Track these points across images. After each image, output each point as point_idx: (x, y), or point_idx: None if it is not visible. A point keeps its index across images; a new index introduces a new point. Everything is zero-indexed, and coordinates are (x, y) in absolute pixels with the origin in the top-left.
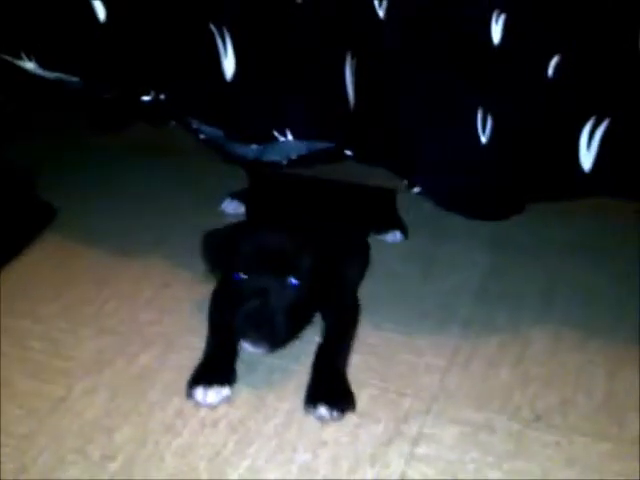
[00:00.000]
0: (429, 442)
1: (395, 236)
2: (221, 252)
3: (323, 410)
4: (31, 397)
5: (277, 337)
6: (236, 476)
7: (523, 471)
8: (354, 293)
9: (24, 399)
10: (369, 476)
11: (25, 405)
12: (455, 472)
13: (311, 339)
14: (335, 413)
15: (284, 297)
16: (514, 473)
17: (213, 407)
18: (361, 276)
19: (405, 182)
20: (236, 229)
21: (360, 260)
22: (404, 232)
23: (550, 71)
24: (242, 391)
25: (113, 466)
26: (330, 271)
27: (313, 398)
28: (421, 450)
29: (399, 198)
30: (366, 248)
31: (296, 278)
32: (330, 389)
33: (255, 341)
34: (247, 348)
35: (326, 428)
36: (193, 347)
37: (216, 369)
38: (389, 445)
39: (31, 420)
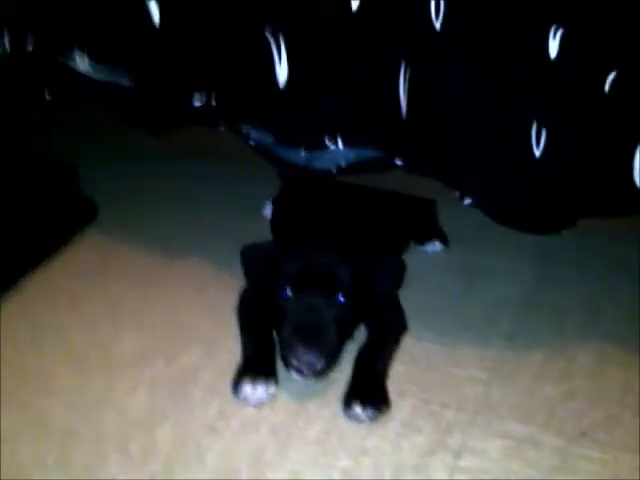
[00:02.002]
0: (472, 455)
1: (435, 246)
2: (264, 270)
3: (358, 409)
4: (73, 392)
5: (328, 354)
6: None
7: None
8: (397, 304)
9: (65, 394)
10: None
11: (66, 400)
12: None
13: (352, 348)
14: (370, 412)
15: (332, 314)
16: None
17: (257, 407)
18: (398, 285)
19: (457, 194)
20: (277, 246)
21: (394, 271)
22: (444, 242)
23: (607, 87)
24: (283, 396)
25: (153, 464)
26: (367, 285)
27: (349, 398)
28: (464, 462)
29: (441, 209)
30: (398, 256)
31: (343, 295)
32: (366, 390)
33: (306, 358)
34: (294, 375)
35: (368, 436)
36: (233, 349)
37: (260, 367)
38: (432, 456)
39: (72, 415)
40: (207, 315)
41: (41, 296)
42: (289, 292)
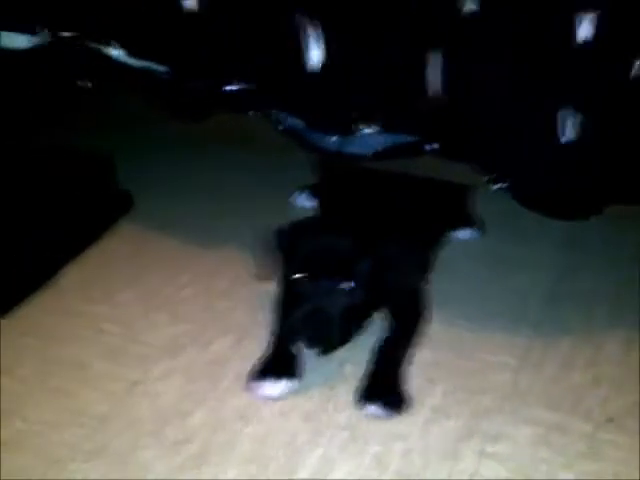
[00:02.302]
0: (502, 441)
1: (468, 233)
2: (283, 250)
3: (372, 408)
4: (107, 380)
5: (330, 341)
6: (308, 465)
7: (595, 473)
8: (420, 296)
9: (100, 382)
10: (442, 471)
11: (101, 388)
12: (527, 472)
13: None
14: (383, 412)
15: (339, 301)
16: (586, 474)
17: (278, 399)
18: (419, 279)
19: (486, 179)
20: (298, 228)
21: (416, 265)
22: (478, 229)
23: (634, 71)
24: (314, 382)
25: (187, 451)
26: (388, 274)
27: (363, 396)
28: (493, 448)
29: (472, 195)
30: (423, 249)
31: (353, 284)
32: (381, 388)
33: (309, 343)
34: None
35: (398, 422)
36: (266, 337)
37: (280, 363)
38: (462, 442)
39: (107, 403)
40: (241, 304)
41: (77, 286)
42: (299, 275)
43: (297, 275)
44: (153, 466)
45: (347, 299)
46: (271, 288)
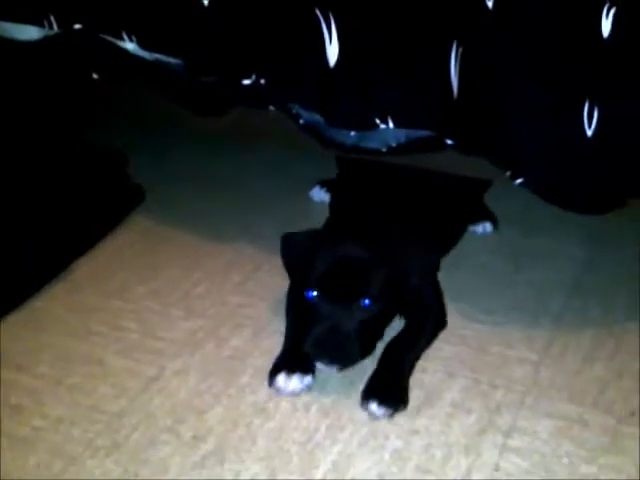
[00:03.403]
0: (522, 434)
1: (485, 227)
2: (298, 262)
3: (374, 406)
4: (123, 376)
5: (349, 359)
6: (328, 461)
7: (617, 466)
8: (436, 298)
9: (116, 378)
10: (462, 466)
11: (117, 384)
12: (549, 465)
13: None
14: (385, 411)
15: (356, 319)
16: (608, 468)
17: (296, 394)
18: (434, 278)
19: (507, 173)
20: (313, 239)
21: (432, 265)
22: (494, 223)
23: None
24: (333, 377)
25: (205, 446)
26: (400, 283)
27: (367, 393)
28: (514, 442)
29: (489, 190)
30: (434, 254)
31: (369, 299)
32: (385, 387)
33: (329, 363)
34: (320, 367)
35: (418, 417)
36: (282, 332)
37: (297, 358)
38: (482, 436)
39: (123, 399)
40: (256, 298)
41: (90, 281)
42: (315, 293)
43: (310, 294)
44: (171, 462)
45: (364, 314)
46: (285, 281)
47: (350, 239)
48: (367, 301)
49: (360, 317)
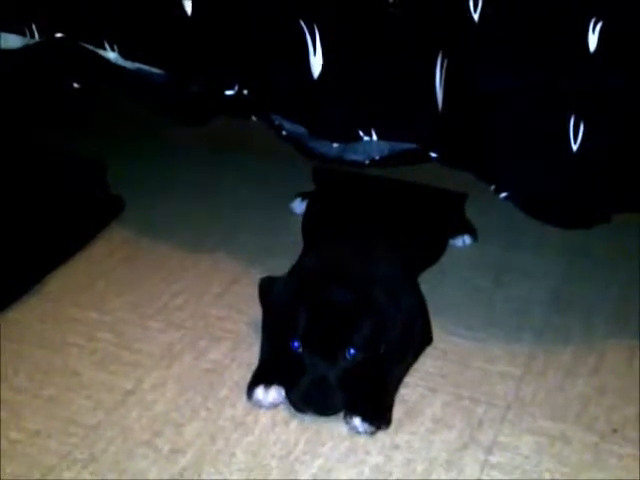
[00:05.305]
0: (504, 450)
1: (464, 240)
2: (278, 309)
3: (357, 421)
4: (99, 389)
5: (333, 410)
6: (308, 475)
7: None
8: (421, 317)
9: (92, 390)
10: None
11: (93, 396)
12: None
13: None
14: (368, 428)
15: (341, 369)
16: None
17: (275, 407)
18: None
19: (492, 187)
20: (294, 286)
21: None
22: (474, 236)
23: None
24: None
25: (183, 460)
26: (388, 332)
27: (350, 408)
28: (496, 458)
29: (470, 203)
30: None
31: (354, 349)
32: (369, 403)
33: (316, 413)
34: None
35: (399, 432)
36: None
37: (274, 370)
38: (463, 451)
39: (99, 412)
40: (235, 311)
41: (67, 292)
42: (298, 345)
43: (295, 344)
44: (149, 476)
45: (349, 364)
46: None
47: (333, 281)
48: (352, 350)
49: (345, 366)
